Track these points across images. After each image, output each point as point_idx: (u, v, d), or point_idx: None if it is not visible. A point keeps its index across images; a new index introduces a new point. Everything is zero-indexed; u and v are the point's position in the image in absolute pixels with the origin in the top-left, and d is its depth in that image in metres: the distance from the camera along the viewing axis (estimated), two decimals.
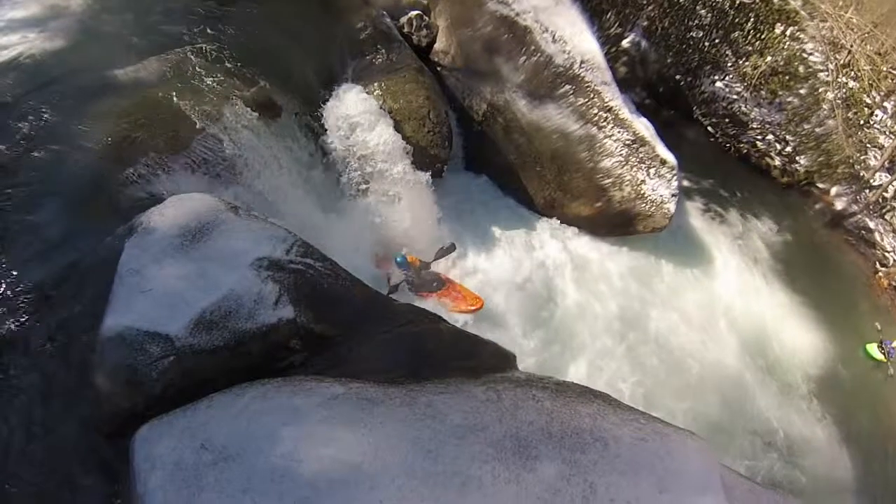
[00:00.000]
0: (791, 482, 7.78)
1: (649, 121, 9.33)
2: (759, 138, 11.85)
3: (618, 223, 9.64)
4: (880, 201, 11.18)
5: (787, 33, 11.34)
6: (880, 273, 10.93)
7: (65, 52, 7.23)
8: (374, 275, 8.12)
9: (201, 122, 6.73)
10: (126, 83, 6.99)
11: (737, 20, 11.41)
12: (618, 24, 11.68)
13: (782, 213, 11.45)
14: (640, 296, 9.44)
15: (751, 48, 11.49)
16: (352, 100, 8.15)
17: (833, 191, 11.58)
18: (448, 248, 8.50)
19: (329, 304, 5.12)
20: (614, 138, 8.96)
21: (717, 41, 11.60)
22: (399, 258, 8.17)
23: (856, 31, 11.34)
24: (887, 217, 11.18)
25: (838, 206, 11.53)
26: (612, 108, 8.89)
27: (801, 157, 11.60)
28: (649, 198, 9.15)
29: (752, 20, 11.36)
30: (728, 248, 10.66)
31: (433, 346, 5.22)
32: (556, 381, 4.71)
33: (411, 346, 5.15)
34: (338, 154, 8.08)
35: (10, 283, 5.18)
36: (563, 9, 9.30)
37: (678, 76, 12.06)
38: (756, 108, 11.66)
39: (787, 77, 11.39)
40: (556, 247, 9.63)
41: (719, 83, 11.81)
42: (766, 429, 8.34)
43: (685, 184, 10.80)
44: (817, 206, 11.66)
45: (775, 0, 11.23)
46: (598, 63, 9.01)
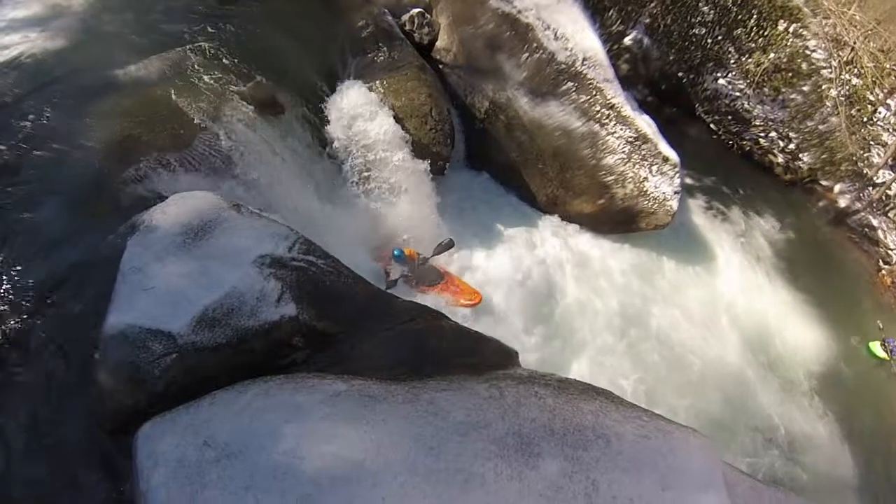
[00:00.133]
0: (792, 479, 7.75)
1: (651, 118, 9.30)
2: (762, 135, 11.81)
3: (620, 220, 9.62)
4: (883, 199, 11.15)
5: (790, 30, 11.30)
6: (883, 271, 10.89)
7: (66, 52, 7.26)
8: (373, 270, 8.11)
9: (203, 120, 6.74)
10: (127, 82, 7.01)
11: (739, 17, 11.37)
12: (620, 21, 11.64)
13: (785, 211, 11.40)
14: (641, 293, 9.40)
15: (754, 45, 11.45)
16: (354, 94, 8.19)
17: (836, 188, 11.54)
18: (447, 244, 8.45)
19: (331, 302, 5.13)
20: (617, 135, 8.94)
21: (719, 38, 11.56)
22: (397, 252, 8.14)
23: (859, 27, 11.31)
24: (890, 215, 11.15)
25: (841, 203, 11.50)
26: (614, 105, 8.87)
27: (805, 154, 11.56)
28: (652, 195, 9.12)
29: (754, 17, 11.31)
30: (730, 246, 10.61)
31: (435, 344, 5.23)
32: (559, 378, 4.71)
33: (414, 344, 5.15)
34: (340, 144, 8.12)
35: (13, 281, 5.20)
36: (565, 6, 9.28)
37: (680, 73, 12.01)
38: (759, 106, 11.62)
39: (790, 74, 11.35)
40: (557, 244, 9.59)
41: (722, 80, 11.76)
42: (768, 426, 8.31)
43: (688, 181, 10.78)
44: (820, 204, 11.62)
45: None
46: (600, 60, 8.99)
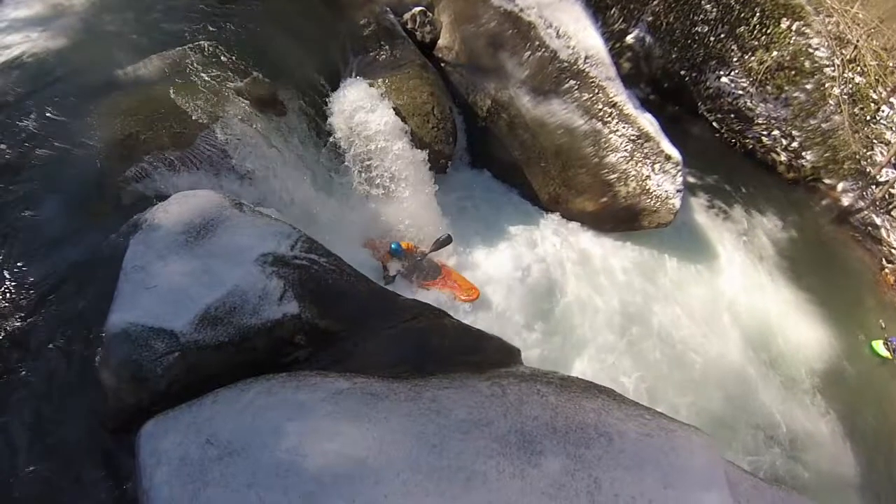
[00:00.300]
0: (794, 477, 7.73)
1: (654, 116, 9.26)
2: (765, 134, 11.79)
3: (623, 219, 9.59)
4: (887, 197, 11.14)
5: (793, 28, 11.28)
6: (886, 269, 10.87)
7: (67, 51, 7.25)
8: (374, 267, 8.11)
9: (204, 119, 6.73)
10: (129, 81, 7.01)
11: (742, 15, 11.35)
12: (622, 19, 11.62)
13: (788, 209, 11.37)
14: (643, 291, 9.37)
15: (756, 43, 11.42)
16: (356, 90, 8.24)
17: (839, 187, 11.52)
18: (444, 240, 8.35)
19: (334, 300, 5.12)
20: (619, 134, 8.91)
21: (722, 36, 11.53)
22: (394, 245, 8.10)
23: (862, 26, 11.29)
24: (894, 213, 11.14)
25: (844, 202, 11.48)
26: (616, 103, 8.84)
27: (808, 152, 11.54)
28: (654, 193, 9.09)
29: (757, 15, 11.29)
30: (733, 244, 10.59)
31: (438, 342, 5.22)
32: (561, 376, 4.71)
33: (416, 342, 5.15)
34: (342, 134, 8.15)
35: (16, 280, 5.22)
36: (567, 4, 9.25)
37: (683, 71, 11.99)
38: (762, 104, 11.60)
39: (792, 72, 11.32)
40: (559, 242, 9.56)
41: (725, 78, 11.74)
42: (770, 424, 8.29)
43: (690, 179, 10.75)
44: (823, 202, 11.60)
45: None
46: (603, 58, 8.95)
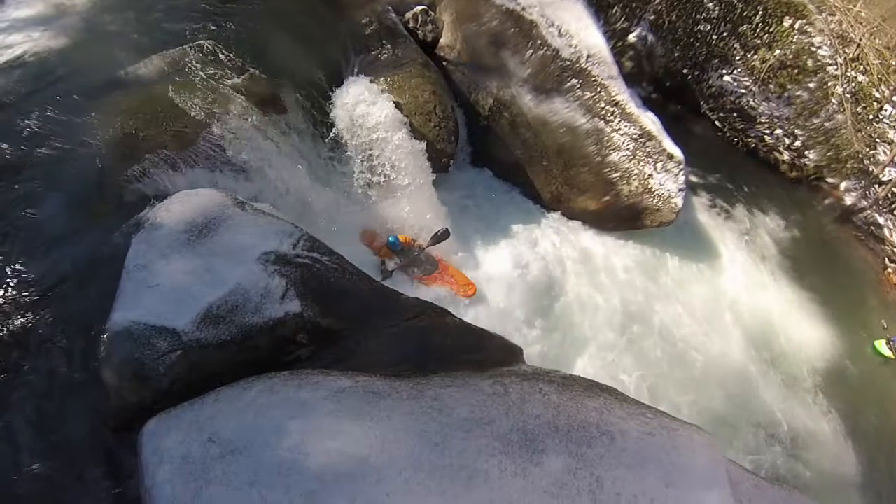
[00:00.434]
0: (795, 476, 7.72)
1: (656, 115, 9.25)
2: (768, 133, 11.74)
3: (625, 217, 9.58)
4: (889, 197, 11.08)
5: (796, 26, 11.23)
6: (889, 269, 10.83)
7: (69, 51, 7.27)
8: (374, 263, 8.14)
9: (205, 117, 6.74)
10: (131, 81, 7.02)
11: (745, 13, 11.29)
12: (624, 18, 11.58)
13: (790, 208, 11.32)
14: (644, 289, 9.36)
15: (759, 41, 11.37)
16: (358, 85, 8.30)
17: (842, 186, 11.46)
18: (442, 235, 8.32)
19: (336, 299, 5.13)
20: (621, 132, 8.90)
21: (725, 34, 11.48)
22: (392, 238, 8.09)
23: (864, 24, 11.23)
24: None
25: (847, 201, 11.42)
26: (618, 102, 8.83)
27: (810, 151, 11.48)
28: (657, 192, 9.07)
29: (760, 13, 11.24)
30: (735, 243, 10.56)
31: (440, 340, 5.23)
32: (563, 375, 4.71)
33: (418, 340, 5.16)
34: (344, 125, 8.21)
35: (17, 279, 5.23)
36: (569, 3, 9.23)
37: (685, 70, 11.95)
38: (764, 103, 11.55)
39: (795, 71, 11.27)
40: (561, 240, 9.56)
41: (727, 77, 11.69)
42: (771, 422, 8.28)
43: (692, 178, 10.71)
44: (826, 202, 11.54)
45: None
46: (605, 57, 8.94)
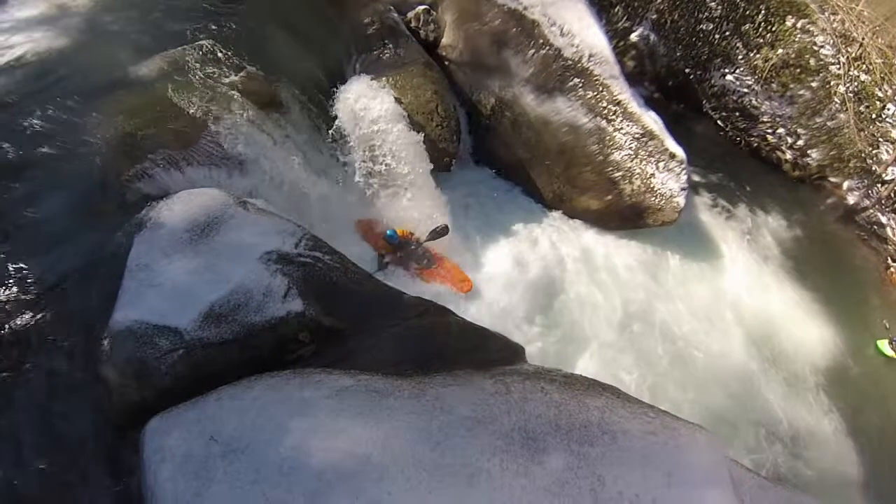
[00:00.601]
0: (796, 475, 7.69)
1: (658, 114, 9.22)
2: (770, 132, 11.71)
3: (627, 217, 9.56)
4: (892, 196, 11.04)
5: (798, 26, 11.21)
6: (892, 268, 10.79)
7: (71, 51, 7.26)
8: (368, 254, 8.17)
9: (206, 116, 6.74)
10: (132, 80, 7.00)
11: (747, 12, 11.28)
12: (626, 17, 11.59)
13: (792, 208, 11.28)
14: (646, 288, 9.34)
15: (762, 40, 11.36)
16: (360, 83, 8.37)
17: (845, 185, 11.42)
18: (441, 230, 8.31)
19: (338, 297, 5.14)
20: (623, 132, 8.89)
21: (727, 34, 11.46)
22: (390, 232, 8.07)
23: (867, 23, 11.21)
24: None
25: (850, 200, 11.39)
26: (620, 101, 8.82)
27: (813, 150, 11.45)
28: (659, 191, 9.06)
29: (762, 12, 11.23)
30: (736, 242, 10.52)
31: (442, 339, 5.23)
32: (564, 374, 4.70)
33: (420, 339, 5.15)
34: (346, 118, 8.23)
35: (19, 277, 5.23)
36: (571, 2, 9.22)
37: (688, 69, 11.93)
38: (767, 102, 11.52)
39: (798, 70, 11.25)
40: (562, 239, 9.56)
41: (730, 76, 11.67)
42: (772, 421, 8.25)
43: (694, 178, 10.68)
44: (829, 201, 11.50)
45: None
46: (607, 57, 8.93)
